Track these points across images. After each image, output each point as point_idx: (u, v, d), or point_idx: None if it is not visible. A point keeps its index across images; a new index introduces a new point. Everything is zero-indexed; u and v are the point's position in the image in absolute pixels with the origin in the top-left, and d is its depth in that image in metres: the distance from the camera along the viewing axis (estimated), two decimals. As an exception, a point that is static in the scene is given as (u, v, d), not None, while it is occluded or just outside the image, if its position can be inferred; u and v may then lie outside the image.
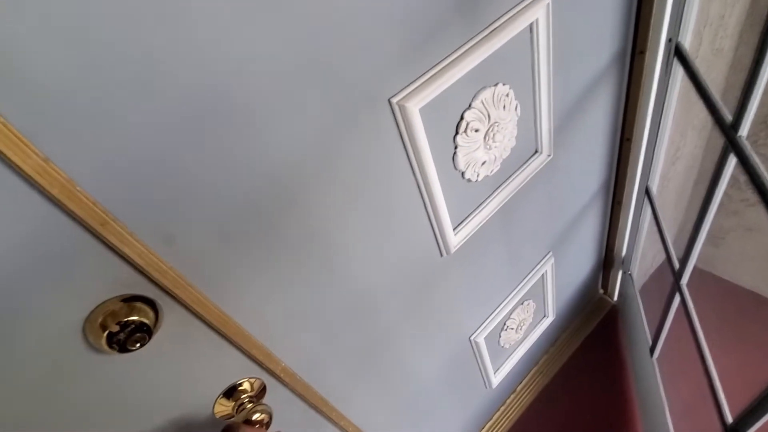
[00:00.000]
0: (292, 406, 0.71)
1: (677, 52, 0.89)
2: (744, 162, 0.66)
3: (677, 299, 0.99)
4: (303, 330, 0.65)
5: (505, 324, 1.17)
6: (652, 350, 1.22)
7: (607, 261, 1.56)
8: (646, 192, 1.14)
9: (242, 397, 0.62)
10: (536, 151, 0.88)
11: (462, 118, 0.67)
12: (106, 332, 0.43)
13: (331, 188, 0.57)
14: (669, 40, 0.91)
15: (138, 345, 0.45)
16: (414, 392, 1.00)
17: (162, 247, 0.45)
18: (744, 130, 0.68)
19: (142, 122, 0.39)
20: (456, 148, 0.69)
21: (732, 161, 0.71)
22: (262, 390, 0.64)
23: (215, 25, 0.39)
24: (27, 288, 0.39)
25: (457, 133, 0.68)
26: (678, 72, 0.94)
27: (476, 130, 0.70)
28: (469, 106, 0.67)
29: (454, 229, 0.78)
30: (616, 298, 1.67)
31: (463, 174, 0.74)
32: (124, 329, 0.44)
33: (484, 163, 0.75)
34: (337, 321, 0.70)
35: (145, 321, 0.45)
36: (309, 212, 0.56)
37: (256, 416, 0.59)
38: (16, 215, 0.36)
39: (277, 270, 0.57)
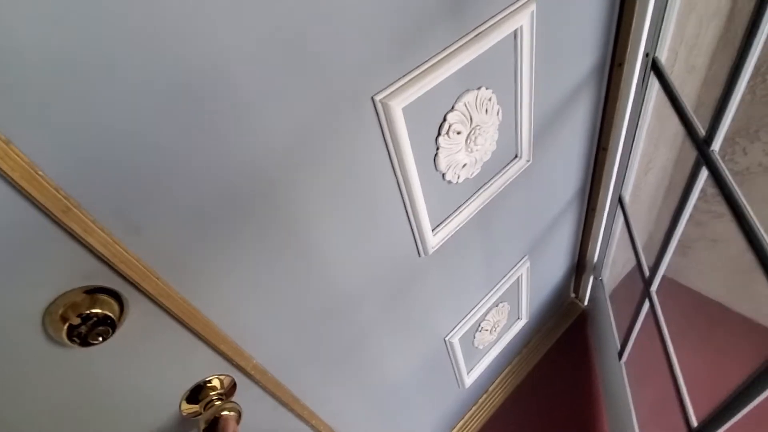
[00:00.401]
0: (262, 404, 0.70)
1: (654, 67, 0.91)
2: (715, 175, 0.69)
3: (646, 305, 1.02)
4: (277, 327, 0.64)
5: (479, 325, 1.18)
6: (620, 354, 1.25)
7: (580, 266, 1.60)
8: (620, 200, 1.17)
9: (211, 394, 0.60)
10: (516, 156, 0.89)
11: (445, 119, 0.68)
12: (67, 324, 0.41)
13: (312, 183, 0.56)
14: (646, 55, 0.94)
15: (100, 339, 0.43)
16: (387, 392, 1.00)
17: (128, 236, 0.43)
18: (716, 145, 0.70)
19: (113, 100, 0.37)
20: (438, 149, 0.70)
21: (704, 174, 0.74)
22: (232, 387, 0.63)
23: (207, 5, 0.38)
24: (-20, 276, 0.37)
25: (439, 134, 0.68)
26: (654, 86, 0.97)
27: (458, 133, 0.70)
28: (452, 108, 0.68)
29: (433, 230, 0.79)
30: (586, 302, 1.72)
31: (443, 175, 0.74)
32: (86, 322, 0.42)
33: (465, 165, 0.76)
34: (313, 319, 0.69)
35: (109, 314, 0.43)
36: (288, 206, 0.55)
37: (224, 414, 0.58)
38: (-30, 198, 0.34)
39: (253, 265, 0.56)
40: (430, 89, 0.62)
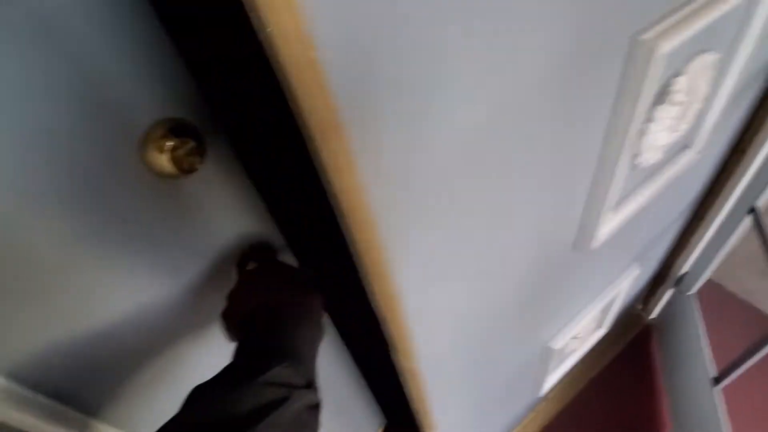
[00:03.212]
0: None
1: None
2: None
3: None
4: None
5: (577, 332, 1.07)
6: (717, 380, 1.15)
7: (659, 277, 1.48)
8: (752, 211, 1.05)
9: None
10: (686, 147, 0.76)
11: (670, 84, 0.54)
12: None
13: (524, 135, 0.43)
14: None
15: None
16: (484, 386, 0.89)
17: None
18: None
19: None
20: (648, 121, 0.57)
21: None
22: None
23: None
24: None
25: (659, 102, 0.55)
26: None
27: (679, 104, 0.57)
28: (682, 72, 0.54)
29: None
30: (654, 315, 1.61)
31: (635, 156, 0.61)
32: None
33: (660, 147, 0.63)
34: (467, 287, 0.57)
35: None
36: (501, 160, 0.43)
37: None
38: None
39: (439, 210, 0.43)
40: (679, 43, 0.48)
